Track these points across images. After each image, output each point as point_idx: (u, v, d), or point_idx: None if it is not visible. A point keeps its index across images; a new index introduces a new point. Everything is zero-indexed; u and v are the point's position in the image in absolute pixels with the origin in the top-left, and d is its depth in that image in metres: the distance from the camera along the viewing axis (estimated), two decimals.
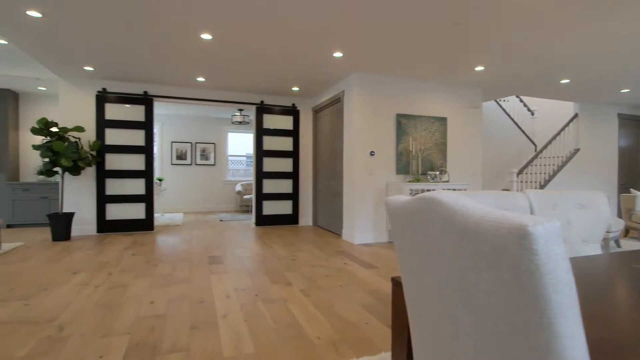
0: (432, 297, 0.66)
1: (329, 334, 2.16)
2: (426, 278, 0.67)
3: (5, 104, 6.12)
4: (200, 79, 5.39)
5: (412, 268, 0.74)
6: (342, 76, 5.14)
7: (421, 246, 0.67)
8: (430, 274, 0.65)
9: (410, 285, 0.76)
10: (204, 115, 8.83)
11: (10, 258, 3.97)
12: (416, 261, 0.70)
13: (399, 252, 0.81)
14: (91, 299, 2.71)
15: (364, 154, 5.02)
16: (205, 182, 9.05)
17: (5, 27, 3.52)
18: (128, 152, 5.66)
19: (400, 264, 0.82)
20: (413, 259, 0.72)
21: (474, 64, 4.55)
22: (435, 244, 0.62)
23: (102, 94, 5.51)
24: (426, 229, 0.64)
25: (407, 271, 0.77)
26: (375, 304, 2.67)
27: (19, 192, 6.05)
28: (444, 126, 5.46)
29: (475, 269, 0.52)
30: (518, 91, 6.03)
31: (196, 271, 3.51)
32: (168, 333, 2.15)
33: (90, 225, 5.54)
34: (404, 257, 0.78)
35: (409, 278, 0.76)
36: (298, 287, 3.04)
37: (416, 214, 0.70)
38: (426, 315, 0.70)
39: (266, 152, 6.40)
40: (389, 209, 0.81)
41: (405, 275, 0.78)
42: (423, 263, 0.67)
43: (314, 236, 5.51)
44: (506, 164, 7.98)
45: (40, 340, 2.03)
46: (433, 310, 0.67)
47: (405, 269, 0.78)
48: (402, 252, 0.78)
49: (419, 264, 0.69)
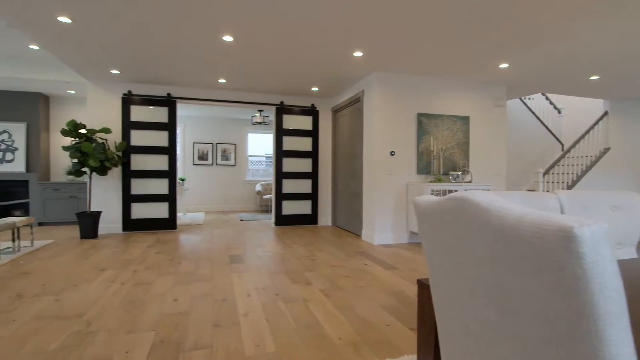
0: (463, 301, 0.64)
1: (350, 335, 2.14)
2: (457, 280, 0.65)
3: (37, 107, 6.39)
4: (222, 80, 5.47)
5: (442, 270, 0.73)
6: (361, 76, 5.11)
7: (452, 247, 0.65)
8: (462, 277, 0.63)
9: (439, 288, 0.74)
10: (224, 116, 8.96)
11: (41, 254, 4.14)
12: (447, 263, 0.69)
13: (427, 254, 0.79)
14: (117, 296, 2.79)
15: (384, 154, 4.97)
16: (226, 182, 9.19)
17: (38, 33, 3.67)
18: (152, 152, 5.80)
19: (429, 266, 0.80)
20: (443, 261, 0.71)
21: (498, 61, 4.43)
22: (467, 245, 0.60)
23: (127, 96, 5.67)
24: (458, 230, 0.62)
25: (436, 273, 0.75)
26: (397, 305, 2.64)
27: (49, 191, 6.29)
28: (466, 125, 5.34)
29: (513, 272, 0.50)
30: (544, 88, 5.84)
31: (218, 269, 3.56)
32: (191, 330, 2.19)
33: (116, 223, 5.71)
34: (433, 258, 0.76)
35: (438, 280, 0.74)
36: (318, 287, 3.03)
37: (447, 215, 0.68)
38: (457, 319, 0.68)
39: (286, 153, 6.43)
40: (417, 209, 0.79)
41: (434, 277, 0.76)
42: (454, 265, 0.66)
43: (333, 236, 5.50)
44: (531, 164, 7.75)
45: (70, 335, 2.11)
46: (465, 314, 0.65)
47: (434, 271, 0.76)
48: (431, 253, 0.76)
49: (449, 265, 0.67)
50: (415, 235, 5.11)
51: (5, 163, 6.21)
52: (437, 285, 0.74)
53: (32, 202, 6.22)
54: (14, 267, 3.60)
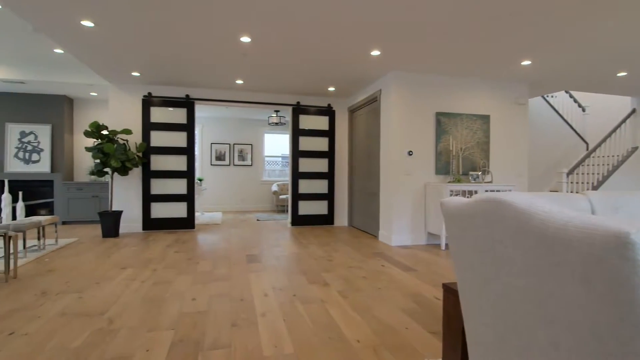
0: (499, 308, 0.61)
1: (369, 338, 2.11)
2: (492, 287, 0.62)
3: (61, 109, 6.58)
4: (239, 81, 5.51)
5: (474, 275, 0.69)
6: (379, 75, 5.06)
7: (485, 251, 0.62)
8: (497, 282, 0.60)
9: (470, 294, 0.71)
10: (241, 117, 9.04)
11: (65, 252, 4.25)
12: (479, 268, 0.65)
13: (456, 257, 0.76)
14: (138, 294, 2.83)
15: (402, 153, 4.91)
16: (243, 182, 9.26)
17: (62, 37, 3.77)
18: (171, 153, 5.89)
19: (457, 270, 0.77)
20: (475, 265, 0.67)
21: (520, 58, 4.31)
22: (504, 250, 0.56)
23: (147, 98, 5.78)
24: (492, 233, 0.59)
25: (466, 278, 0.72)
26: (416, 308, 2.59)
27: (73, 191, 6.47)
28: (486, 124, 5.22)
29: (556, 280, 0.46)
30: (568, 86, 5.65)
31: (235, 269, 3.58)
32: (210, 329, 2.20)
33: (136, 223, 5.82)
34: (463, 263, 0.73)
35: (468, 285, 0.71)
36: (335, 288, 3.01)
37: (479, 217, 0.64)
38: (489, 327, 0.65)
39: (302, 153, 6.43)
40: (445, 211, 0.76)
41: (463, 282, 0.73)
42: (488, 270, 0.62)
43: (349, 237, 5.47)
44: (554, 164, 7.51)
45: (93, 332, 2.15)
46: (500, 322, 0.62)
47: (463, 276, 0.73)
48: (460, 257, 0.73)
49: (482, 270, 0.64)
50: (433, 237, 5.02)
51: (32, 164, 6.42)
52: (468, 291, 0.71)
53: (57, 201, 6.41)
54: (39, 264, 3.71)
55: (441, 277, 3.37)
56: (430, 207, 4.88)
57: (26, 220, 3.97)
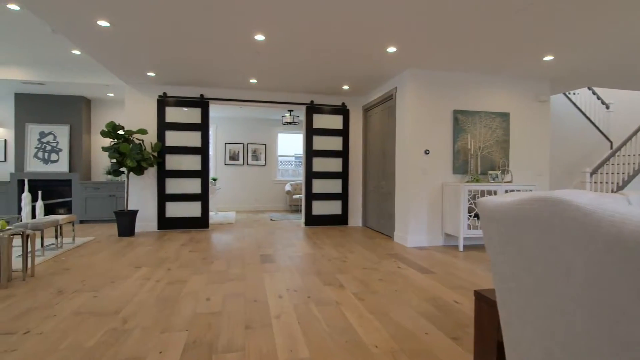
0: (549, 322, 0.53)
1: (387, 343, 2.03)
2: (542, 298, 0.54)
3: (79, 110, 6.69)
4: (253, 80, 5.49)
5: (519, 285, 0.62)
6: (394, 72, 4.96)
7: (534, 258, 0.55)
8: (549, 294, 0.52)
9: (513, 306, 0.63)
10: (255, 117, 9.04)
11: (82, 251, 4.29)
12: (526, 276, 0.58)
13: (496, 265, 0.68)
14: (152, 293, 2.82)
15: (418, 153, 4.80)
16: (256, 181, 9.26)
17: (79, 37, 3.80)
18: (186, 153, 5.91)
19: (497, 279, 0.69)
20: (520, 274, 0.60)
21: (542, 53, 4.15)
22: (560, 256, 0.49)
23: (162, 98, 5.81)
24: (545, 238, 0.51)
25: (509, 288, 0.64)
26: (435, 313, 2.49)
27: (90, 190, 6.57)
28: (506, 122, 5.06)
29: (634, 293, 0.39)
30: (592, 82, 5.44)
31: (249, 269, 3.54)
32: (224, 331, 2.16)
33: (151, 222, 5.86)
34: (505, 271, 0.65)
35: (511, 296, 0.63)
36: (351, 290, 2.94)
37: (527, 219, 0.57)
38: (536, 343, 0.57)
39: (316, 152, 6.37)
40: (483, 211, 0.68)
41: (505, 292, 0.65)
42: (538, 279, 0.55)
43: (364, 237, 5.38)
44: (575, 163, 7.26)
45: (107, 332, 2.13)
46: (548, 337, 0.54)
47: (505, 286, 0.65)
48: (501, 265, 0.65)
49: (530, 280, 0.57)
50: (450, 238, 4.89)
51: (51, 163, 6.54)
52: (510, 302, 0.64)
53: (74, 200, 6.52)
54: (56, 263, 3.75)
55: (460, 280, 3.26)
56: (447, 207, 4.76)
57: (44, 219, 4.02)
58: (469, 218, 4.60)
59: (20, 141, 6.44)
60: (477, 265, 3.82)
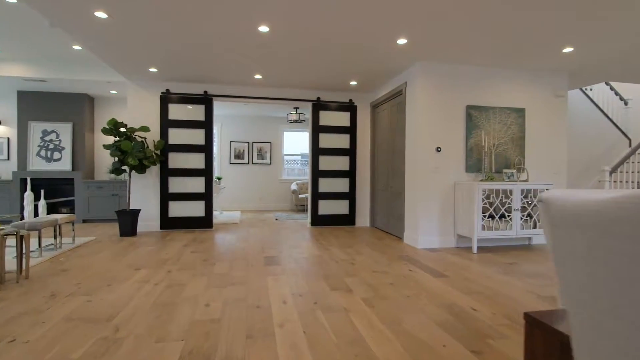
0: None
1: (401, 356, 1.85)
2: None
3: (82, 107, 6.59)
4: (257, 76, 5.32)
5: (603, 308, 0.43)
6: (404, 66, 4.75)
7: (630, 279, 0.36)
8: None
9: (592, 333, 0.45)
10: (260, 114, 8.88)
11: (82, 251, 4.16)
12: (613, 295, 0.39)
13: (565, 280, 0.50)
14: (149, 298, 2.66)
15: (429, 150, 4.59)
16: (262, 181, 9.11)
17: (77, 30, 3.66)
18: (189, 151, 5.77)
19: (566, 299, 0.51)
20: (603, 297, 0.41)
21: (561, 45, 3.92)
22: None
23: (165, 94, 5.67)
24: None
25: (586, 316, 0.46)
26: (452, 321, 2.30)
27: (93, 189, 6.46)
28: (521, 118, 4.83)
29: None
30: (613, 76, 5.18)
31: (252, 272, 3.38)
32: (223, 341, 1.99)
33: (154, 221, 5.73)
34: (581, 290, 0.47)
35: (591, 325, 0.45)
36: (360, 296, 2.75)
37: (622, 224, 0.38)
38: None
39: (322, 150, 6.19)
40: (548, 211, 0.50)
41: (581, 320, 0.47)
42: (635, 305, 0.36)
43: (372, 238, 5.19)
44: (594, 161, 6.97)
45: (97, 341, 1.97)
46: None
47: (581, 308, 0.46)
48: (574, 281, 0.47)
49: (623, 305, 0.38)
50: (463, 239, 4.67)
51: (54, 162, 6.44)
52: (590, 330, 0.45)
53: (77, 199, 6.41)
54: (53, 264, 3.62)
55: (475, 285, 3.05)
56: (460, 207, 4.54)
57: (42, 218, 3.90)
58: (484, 218, 4.38)
59: (22, 139, 6.36)
60: (493, 268, 3.61)
